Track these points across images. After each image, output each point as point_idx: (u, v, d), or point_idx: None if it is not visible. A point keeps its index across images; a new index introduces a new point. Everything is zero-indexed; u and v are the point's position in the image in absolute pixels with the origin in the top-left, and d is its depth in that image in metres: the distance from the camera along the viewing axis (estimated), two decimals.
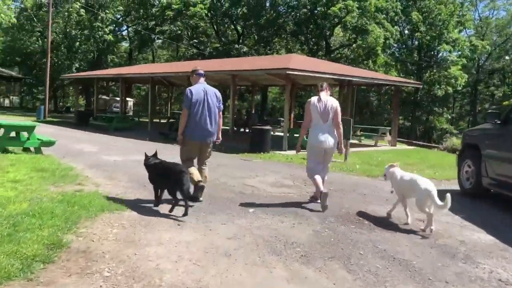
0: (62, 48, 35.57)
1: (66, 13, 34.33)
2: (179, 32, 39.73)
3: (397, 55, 40.73)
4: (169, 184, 5.26)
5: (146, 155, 5.67)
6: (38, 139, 10.00)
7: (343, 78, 16.53)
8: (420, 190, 4.84)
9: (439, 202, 4.69)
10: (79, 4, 33.15)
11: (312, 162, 6.00)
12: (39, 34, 36.98)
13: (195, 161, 5.95)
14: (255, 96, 32.74)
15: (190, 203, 5.25)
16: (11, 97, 47.98)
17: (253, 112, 23.56)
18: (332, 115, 5.79)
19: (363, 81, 18.57)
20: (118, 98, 38.06)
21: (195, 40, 40.38)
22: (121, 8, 37.49)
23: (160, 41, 44.33)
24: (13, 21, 28.31)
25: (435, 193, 4.74)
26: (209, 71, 18.86)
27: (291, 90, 17.56)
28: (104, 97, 41.44)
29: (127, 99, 39.22)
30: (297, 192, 7.19)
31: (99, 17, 35.91)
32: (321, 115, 5.75)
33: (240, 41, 38.79)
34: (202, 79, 5.86)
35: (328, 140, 5.77)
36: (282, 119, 22.57)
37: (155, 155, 5.74)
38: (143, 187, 6.64)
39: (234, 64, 19.44)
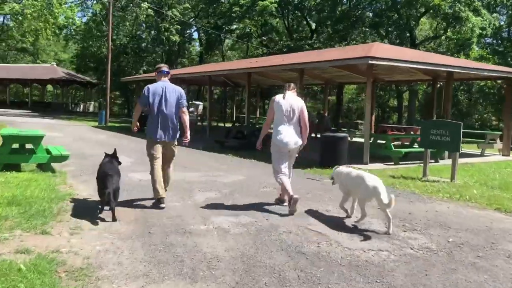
0: (130, 51, 34.96)
1: (134, 14, 33.56)
2: (248, 30, 37.51)
3: (496, 46, 34.97)
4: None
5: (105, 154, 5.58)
6: (48, 152, 7.91)
7: (441, 69, 12.95)
8: (366, 187, 4.76)
9: (384, 200, 4.57)
10: (147, 4, 32.10)
11: (277, 163, 5.65)
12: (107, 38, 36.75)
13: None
14: (329, 97, 29.34)
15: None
16: (90, 102, 49.30)
17: (326, 115, 20.17)
18: (297, 115, 5.59)
19: (467, 73, 14.63)
20: (194, 102, 37.21)
21: (264, 38, 37.92)
22: (188, 5, 36.00)
23: (229, 41, 42.55)
24: (78, 23, 27.82)
25: (382, 191, 4.63)
26: (271, 66, 16.77)
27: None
28: (197, 102, 40.75)
29: (197, 102, 37.93)
30: (401, 254, 4.07)
31: (167, 18, 34.79)
32: (286, 114, 5.54)
33: (314, 36, 35.60)
34: (164, 78, 5.65)
35: (292, 140, 5.55)
36: (361, 121, 19.15)
37: (113, 155, 5.56)
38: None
39: (302, 57, 16.41)
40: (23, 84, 48.76)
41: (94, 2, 36.47)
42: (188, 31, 41.02)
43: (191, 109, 37.01)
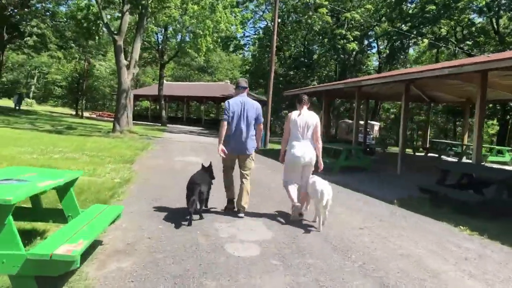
0: (300, 65, 31.02)
1: (309, 21, 29.52)
2: (444, 33, 29.87)
3: None
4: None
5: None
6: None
7: None
8: (315, 191, 5.24)
9: (321, 206, 5.15)
10: (325, 9, 27.75)
11: (287, 175, 5.78)
12: (276, 50, 33.60)
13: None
14: None
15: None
16: None
17: None
18: (312, 131, 5.63)
19: None
20: (362, 122, 31.41)
21: (468, 43, 29.69)
22: (370, 6, 30.21)
23: (413, 49, 35.26)
24: (240, 31, 24.81)
25: (325, 196, 5.09)
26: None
27: None
28: (347, 120, 35.27)
29: (372, 122, 31.80)
30: None
31: (345, 23, 29.86)
32: (301, 130, 5.62)
33: None
34: (242, 92, 5.78)
35: (306, 155, 5.59)
36: None
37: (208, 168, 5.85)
38: None
39: None
40: (199, 102, 50.11)
41: (267, 11, 33.88)
42: (366, 42, 35.30)
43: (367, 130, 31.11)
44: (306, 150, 5.57)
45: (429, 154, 19.26)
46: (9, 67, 63.48)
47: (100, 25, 19.36)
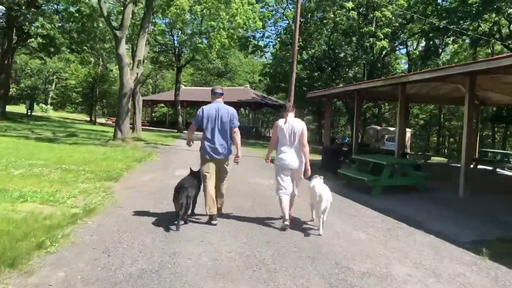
0: (324, 66, 28.45)
1: (336, 19, 26.95)
2: (486, 29, 26.82)
3: None
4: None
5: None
6: None
7: None
8: (314, 194, 5.38)
9: (321, 207, 5.18)
10: (351, 3, 25.12)
11: (279, 180, 5.72)
12: (299, 49, 31.10)
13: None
14: None
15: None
16: None
17: None
18: (298, 138, 5.67)
19: None
20: (392, 129, 28.51)
21: None
22: (403, 2, 27.32)
23: (451, 47, 32.24)
24: (259, 25, 22.38)
25: (323, 203, 5.16)
26: None
27: None
28: (375, 126, 32.48)
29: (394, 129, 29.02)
30: None
31: (373, 21, 27.22)
32: (288, 137, 5.67)
33: None
34: (218, 98, 5.75)
35: (293, 161, 5.63)
36: None
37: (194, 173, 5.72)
38: None
39: None
40: None
41: (288, 9, 31.50)
42: (397, 40, 32.41)
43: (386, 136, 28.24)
44: (293, 156, 5.65)
45: (479, 166, 16.42)
46: (28, 73, 63.00)
47: (96, 17, 17.33)
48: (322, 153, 13.27)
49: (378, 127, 31.99)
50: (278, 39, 33.11)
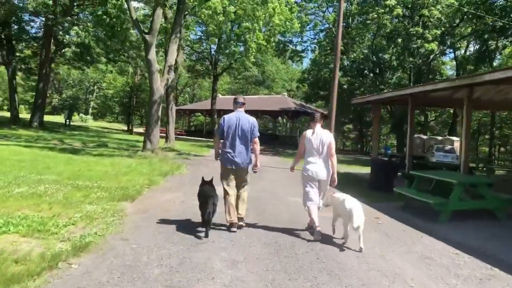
0: (367, 72, 26.61)
1: (376, 17, 25.09)
2: None
3: None
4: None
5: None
6: None
7: None
8: (345, 209, 5.10)
9: (354, 224, 4.86)
10: (394, 1, 23.23)
11: (306, 191, 5.74)
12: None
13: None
14: None
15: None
16: None
17: None
18: (326, 149, 5.68)
19: None
20: (440, 138, 26.22)
21: None
22: (452, 0, 25.04)
23: (508, 50, 29.53)
24: (297, 27, 20.88)
25: (356, 215, 4.90)
26: None
27: None
28: (420, 135, 30.17)
29: (451, 138, 26.60)
30: None
31: (419, 22, 25.16)
32: (315, 148, 5.67)
33: None
34: (239, 108, 5.75)
35: (321, 172, 5.64)
36: None
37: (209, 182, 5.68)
38: None
39: None
40: (255, 116, 46.86)
41: (327, 13, 29.93)
42: (446, 44, 30.00)
43: (447, 147, 25.90)
44: (321, 167, 5.64)
45: None
46: (70, 84, 64.47)
47: (123, 18, 16.44)
48: (371, 167, 11.57)
49: (425, 136, 29.70)
50: (318, 44, 31.54)
